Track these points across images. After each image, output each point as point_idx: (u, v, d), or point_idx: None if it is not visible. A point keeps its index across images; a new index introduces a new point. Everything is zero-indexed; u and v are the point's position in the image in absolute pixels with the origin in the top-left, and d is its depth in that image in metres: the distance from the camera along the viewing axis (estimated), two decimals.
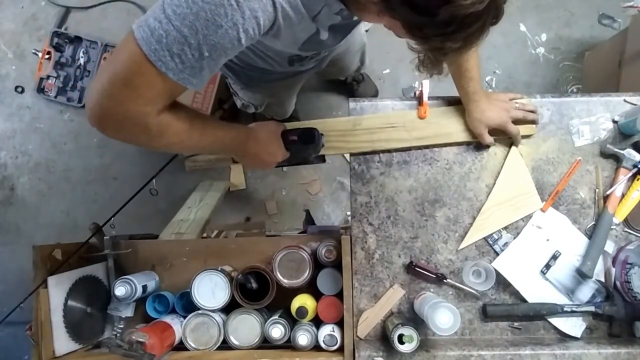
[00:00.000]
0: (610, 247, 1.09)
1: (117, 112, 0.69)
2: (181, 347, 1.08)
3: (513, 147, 1.12)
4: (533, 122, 1.12)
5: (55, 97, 2.25)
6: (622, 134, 1.12)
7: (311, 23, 0.78)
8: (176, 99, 0.76)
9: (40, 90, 2.25)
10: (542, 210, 1.11)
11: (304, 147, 1.04)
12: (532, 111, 1.11)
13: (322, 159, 1.13)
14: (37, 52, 2.23)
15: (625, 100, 1.13)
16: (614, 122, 1.13)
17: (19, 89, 2.32)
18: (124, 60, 0.66)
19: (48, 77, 2.24)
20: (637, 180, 1.08)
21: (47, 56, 2.22)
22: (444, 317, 0.96)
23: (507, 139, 1.12)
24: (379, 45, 2.19)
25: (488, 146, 1.12)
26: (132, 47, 0.65)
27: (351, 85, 2.08)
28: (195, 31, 0.63)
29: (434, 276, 1.09)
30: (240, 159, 1.03)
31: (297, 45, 0.86)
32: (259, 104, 1.44)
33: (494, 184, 1.12)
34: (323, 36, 0.86)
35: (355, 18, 0.86)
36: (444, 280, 1.09)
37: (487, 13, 0.62)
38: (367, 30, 1.58)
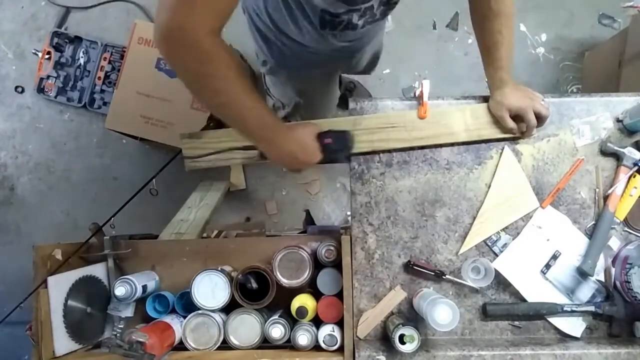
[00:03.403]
0: (614, 244, 1.10)
1: (176, 26, 0.73)
2: (181, 347, 1.07)
3: (506, 148, 1.12)
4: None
5: (55, 97, 2.25)
6: (627, 131, 1.12)
7: None
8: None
9: (40, 90, 2.25)
10: (542, 207, 1.11)
11: (339, 149, 1.06)
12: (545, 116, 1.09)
13: (349, 159, 1.14)
14: (37, 52, 2.23)
15: None
16: (618, 120, 1.13)
17: (19, 89, 2.32)
18: None
19: (48, 77, 2.24)
20: (634, 177, 1.08)
21: (47, 56, 2.22)
22: (442, 313, 0.96)
23: (503, 140, 1.12)
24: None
25: (489, 147, 1.12)
26: None
27: (345, 96, 2.07)
28: None
29: (433, 273, 1.09)
30: (274, 155, 0.99)
31: None
32: (288, 103, 1.43)
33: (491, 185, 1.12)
34: None
35: None
36: (443, 277, 1.09)
37: None
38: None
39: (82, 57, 2.23)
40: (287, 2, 0.99)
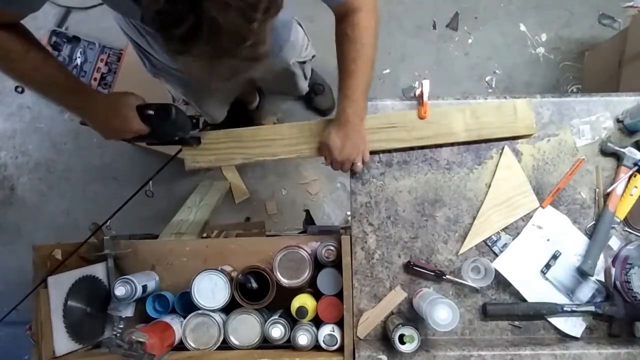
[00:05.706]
0: (614, 244, 1.10)
1: None
2: (181, 347, 1.07)
3: (506, 148, 1.13)
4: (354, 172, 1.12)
5: None
6: (627, 131, 1.12)
7: None
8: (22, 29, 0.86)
9: None
10: (542, 207, 1.11)
11: (162, 123, 1.01)
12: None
13: (198, 141, 1.13)
14: None
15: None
16: (618, 120, 1.13)
17: (19, 89, 2.32)
18: None
19: None
20: (635, 177, 1.08)
21: None
22: (442, 312, 0.96)
23: (503, 140, 1.12)
24: (379, 46, 2.19)
25: (489, 147, 1.12)
26: None
27: (309, 94, 2.06)
28: None
29: (433, 273, 1.09)
30: (90, 122, 1.00)
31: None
32: (179, 98, 1.50)
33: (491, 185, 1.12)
34: None
35: None
36: (443, 277, 1.09)
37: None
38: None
39: (79, 57, 2.22)
40: (142, 34, 1.09)
